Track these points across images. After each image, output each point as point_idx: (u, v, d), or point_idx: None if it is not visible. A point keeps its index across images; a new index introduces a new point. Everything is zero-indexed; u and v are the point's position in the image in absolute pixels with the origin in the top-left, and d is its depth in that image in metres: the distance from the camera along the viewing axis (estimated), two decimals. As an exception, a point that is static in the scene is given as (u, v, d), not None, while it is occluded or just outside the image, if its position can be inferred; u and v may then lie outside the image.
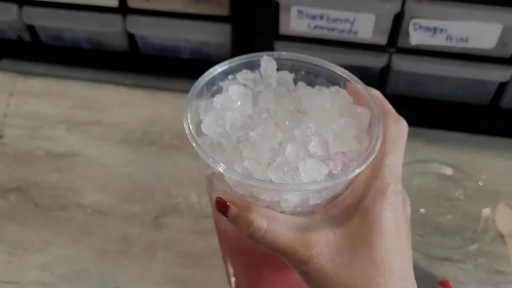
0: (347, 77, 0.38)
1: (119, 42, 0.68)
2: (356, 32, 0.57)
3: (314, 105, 0.35)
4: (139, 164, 0.59)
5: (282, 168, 0.31)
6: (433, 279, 0.49)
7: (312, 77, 0.38)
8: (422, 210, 0.54)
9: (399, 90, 0.63)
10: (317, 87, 0.37)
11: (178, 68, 0.68)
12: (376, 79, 0.62)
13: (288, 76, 0.38)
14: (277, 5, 0.56)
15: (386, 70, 0.60)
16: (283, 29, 0.59)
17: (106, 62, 0.69)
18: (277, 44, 0.59)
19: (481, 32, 0.54)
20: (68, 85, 0.68)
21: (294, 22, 0.57)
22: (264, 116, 0.35)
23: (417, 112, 0.63)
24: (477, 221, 0.54)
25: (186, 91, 0.34)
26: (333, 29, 0.57)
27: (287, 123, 0.34)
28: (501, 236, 0.52)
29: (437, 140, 0.63)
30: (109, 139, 0.62)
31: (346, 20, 0.56)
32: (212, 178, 0.34)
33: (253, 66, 0.38)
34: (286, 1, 0.55)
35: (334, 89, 0.36)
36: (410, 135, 0.63)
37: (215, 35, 0.63)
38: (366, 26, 0.56)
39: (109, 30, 0.65)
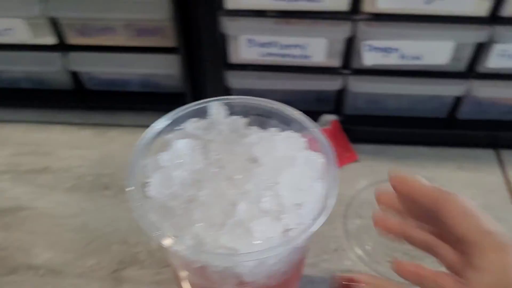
0: (298, 119, 0.36)
1: (62, 79, 0.64)
2: (309, 57, 0.55)
3: (267, 154, 0.33)
4: (92, 213, 0.55)
5: (234, 230, 0.29)
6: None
7: (264, 119, 0.36)
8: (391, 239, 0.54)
9: (357, 110, 0.61)
10: (271, 129, 0.35)
11: (128, 102, 0.65)
12: (334, 101, 0.61)
13: (240, 121, 0.36)
14: (224, 35, 0.54)
15: (342, 92, 0.59)
16: (234, 58, 0.56)
17: (50, 101, 0.65)
18: (229, 74, 0.57)
19: (433, 49, 0.54)
20: (9, 129, 0.64)
21: (244, 50, 0.55)
22: (215, 170, 0.33)
23: (378, 130, 0.62)
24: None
25: (138, 126, 0.32)
26: (285, 55, 0.55)
27: (239, 176, 0.32)
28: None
29: (400, 156, 0.62)
30: (59, 187, 0.58)
31: (298, 46, 0.54)
32: None
33: (202, 113, 0.35)
34: (234, 31, 0.53)
35: (286, 134, 0.34)
36: (373, 154, 0.63)
37: (164, 66, 0.60)
38: (318, 50, 0.55)
39: (48, 69, 0.61)
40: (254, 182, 0.31)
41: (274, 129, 0.35)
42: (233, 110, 0.36)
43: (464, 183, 0.59)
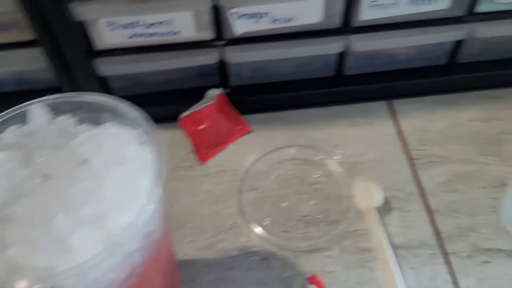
0: (127, 113, 0.33)
1: None
2: (178, 32, 0.52)
3: (95, 154, 0.30)
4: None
5: (51, 247, 0.27)
6: (302, 276, 0.48)
7: (97, 115, 0.33)
8: (284, 204, 0.53)
9: (244, 80, 0.59)
10: (101, 126, 0.33)
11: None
12: (218, 74, 0.59)
13: (68, 121, 0.33)
14: (81, 21, 0.50)
15: (223, 64, 0.57)
16: (100, 44, 0.53)
17: None
18: (98, 61, 0.53)
19: (304, 8, 0.52)
20: None
21: (107, 35, 0.51)
22: (38, 180, 0.30)
23: (268, 98, 0.60)
24: (339, 201, 0.53)
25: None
26: (152, 34, 0.52)
27: (64, 184, 0.29)
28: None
29: (294, 121, 0.61)
30: None
31: (164, 22, 0.51)
32: None
33: (22, 119, 0.32)
34: (88, 16, 0.49)
35: (114, 129, 0.32)
36: (266, 123, 0.62)
37: (29, 61, 0.55)
38: (186, 25, 0.51)
39: None
40: (76, 188, 0.28)
41: (104, 125, 0.32)
42: (60, 110, 0.33)
43: (358, 138, 0.59)
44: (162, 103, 0.59)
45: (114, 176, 0.29)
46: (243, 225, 0.52)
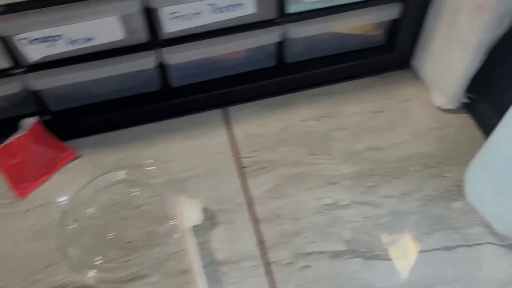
0: None
1: None
2: (-35, 64, 0.49)
3: None
4: None
5: None
6: (120, 308, 0.46)
7: None
8: (107, 233, 0.51)
9: (64, 104, 0.56)
10: None
11: None
12: (32, 102, 0.55)
13: None
14: None
15: (32, 92, 0.53)
16: None
17: None
18: None
19: (102, 27, 0.49)
20: None
21: None
22: None
23: (93, 120, 0.57)
24: (165, 222, 0.51)
25: None
26: None
27: None
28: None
29: (125, 140, 0.58)
30: None
31: None
32: None
33: None
34: None
35: None
36: (94, 146, 0.58)
37: None
38: (-29, 55, 0.48)
39: None
40: None
41: None
42: None
43: (191, 151, 0.57)
44: (-25, 138, 0.55)
45: None
46: (61, 261, 0.49)
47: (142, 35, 0.51)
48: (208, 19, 0.51)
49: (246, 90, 0.60)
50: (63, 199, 0.53)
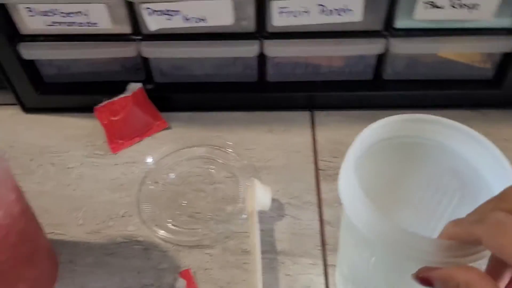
0: None
1: None
2: (95, 24, 0.54)
3: None
4: None
5: None
6: (177, 269, 0.48)
7: None
8: (180, 200, 0.53)
9: (165, 77, 0.61)
10: None
11: None
12: (141, 70, 0.60)
13: None
14: (3, 5, 0.53)
15: (143, 60, 0.58)
16: (23, 29, 0.55)
17: None
18: (22, 46, 0.56)
19: (214, 9, 0.53)
20: None
21: (28, 20, 0.54)
22: None
23: (188, 97, 0.62)
24: (235, 203, 0.53)
25: None
26: (71, 23, 0.54)
27: None
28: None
29: (211, 122, 0.62)
30: None
31: (80, 13, 0.53)
32: None
33: None
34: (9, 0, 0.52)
35: None
36: (184, 121, 0.63)
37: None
38: (101, 17, 0.54)
39: None
40: None
41: None
42: None
43: (271, 144, 0.59)
44: (87, 93, 0.61)
45: None
46: (136, 215, 0.52)
47: (249, 24, 0.55)
48: (314, 19, 0.53)
49: (337, 98, 0.61)
50: (149, 161, 0.57)
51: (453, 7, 0.53)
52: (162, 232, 0.50)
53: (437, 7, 0.53)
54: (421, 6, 0.53)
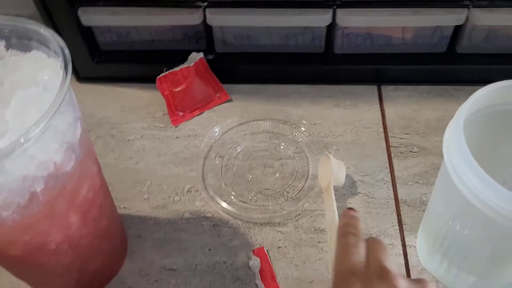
0: (52, 38, 0.32)
1: None
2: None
3: (8, 76, 0.30)
4: None
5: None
6: (249, 247, 0.47)
7: (26, 41, 0.33)
8: (247, 175, 0.51)
9: (229, 47, 0.58)
10: (33, 51, 0.32)
11: None
12: (202, 39, 0.58)
13: None
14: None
15: (207, 28, 0.56)
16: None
17: None
18: (81, 10, 0.53)
19: (288, -25, 0.50)
20: None
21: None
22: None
23: (252, 68, 0.59)
24: (304, 179, 0.51)
25: None
26: (135, -12, 0.52)
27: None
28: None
29: (275, 95, 0.59)
30: None
31: (145, -24, 0.51)
32: None
33: None
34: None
35: (32, 54, 0.32)
36: (247, 94, 0.60)
37: (20, 7, 0.56)
38: (168, -19, 0.51)
39: None
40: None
41: (32, 51, 0.32)
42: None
43: (339, 119, 0.56)
44: (146, 62, 0.59)
45: (20, 99, 0.28)
46: (202, 190, 0.51)
47: (325, -8, 0.52)
48: (395, -14, 0.50)
49: (406, 72, 0.58)
50: (212, 134, 0.55)
51: (545, -26, 0.49)
52: (231, 209, 0.49)
53: (528, -26, 0.49)
54: (510, -27, 0.49)
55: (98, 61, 0.59)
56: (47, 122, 0.26)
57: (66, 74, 0.28)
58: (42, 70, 0.30)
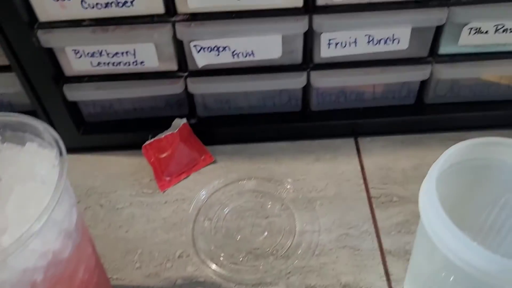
0: (45, 131, 0.34)
1: None
2: (142, 63, 0.54)
3: (6, 171, 0.32)
4: None
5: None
6: (243, 310, 0.47)
7: (20, 134, 0.35)
8: (237, 236, 0.53)
9: (210, 111, 0.61)
10: (28, 144, 0.34)
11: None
12: (184, 105, 0.60)
13: None
14: (50, 49, 0.53)
15: (188, 95, 0.58)
16: (68, 71, 0.55)
17: None
18: (66, 87, 0.56)
19: (263, 44, 0.53)
20: None
21: (74, 62, 0.54)
22: None
23: (233, 130, 0.61)
24: (292, 236, 0.53)
25: None
26: (117, 63, 0.54)
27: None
28: (315, 247, 0.52)
29: (257, 153, 0.61)
30: None
31: (127, 53, 0.53)
32: None
33: None
34: (56, 43, 0.51)
35: (29, 147, 0.33)
36: (230, 154, 0.62)
37: (8, 85, 0.58)
38: (149, 55, 0.53)
39: None
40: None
41: (27, 144, 0.34)
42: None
43: (320, 174, 0.59)
44: (130, 130, 0.61)
45: (19, 193, 0.30)
46: (193, 254, 0.52)
47: (297, 56, 0.55)
48: (362, 49, 0.54)
49: (381, 124, 0.61)
50: (199, 197, 0.56)
51: (497, 31, 0.54)
52: (222, 271, 0.50)
53: (482, 32, 0.54)
54: (466, 32, 0.53)
55: (84, 133, 0.60)
56: (48, 216, 0.28)
57: (63, 168, 0.30)
58: (38, 164, 0.31)
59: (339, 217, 0.54)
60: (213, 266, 0.50)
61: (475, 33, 0.54)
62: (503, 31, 0.54)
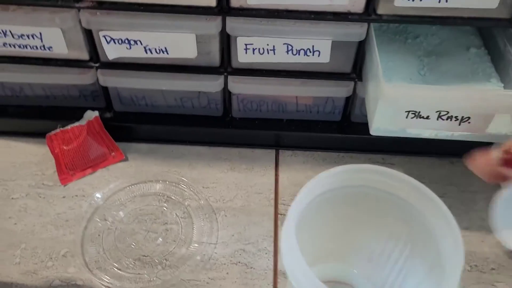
0: None
1: None
2: (50, 48, 0.51)
3: None
4: None
5: None
6: (116, 320, 0.45)
7: None
8: (128, 240, 0.50)
9: (126, 106, 0.58)
10: None
11: None
12: (100, 97, 0.57)
13: None
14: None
15: (101, 86, 0.55)
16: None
17: None
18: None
19: (176, 42, 0.50)
20: None
21: (-23, 40, 0.51)
22: None
23: (148, 128, 0.58)
24: (187, 246, 0.50)
25: None
26: (24, 46, 0.51)
27: None
28: (207, 260, 0.49)
29: (171, 156, 0.58)
30: None
31: (33, 35, 0.50)
32: None
33: None
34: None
35: None
36: (142, 153, 0.59)
37: None
38: (57, 41, 0.51)
39: None
40: None
41: None
42: None
43: (231, 183, 0.56)
44: (40, 117, 0.58)
45: None
46: (78, 255, 0.49)
47: (214, 59, 0.52)
48: (281, 57, 0.51)
49: (303, 138, 0.59)
50: (99, 195, 0.54)
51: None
52: (104, 277, 0.47)
53: (408, 53, 0.51)
54: (392, 51, 0.51)
55: (-11, 115, 0.58)
56: None
57: None
58: None
59: (240, 231, 0.51)
60: (95, 270, 0.47)
61: (401, 53, 0.51)
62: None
